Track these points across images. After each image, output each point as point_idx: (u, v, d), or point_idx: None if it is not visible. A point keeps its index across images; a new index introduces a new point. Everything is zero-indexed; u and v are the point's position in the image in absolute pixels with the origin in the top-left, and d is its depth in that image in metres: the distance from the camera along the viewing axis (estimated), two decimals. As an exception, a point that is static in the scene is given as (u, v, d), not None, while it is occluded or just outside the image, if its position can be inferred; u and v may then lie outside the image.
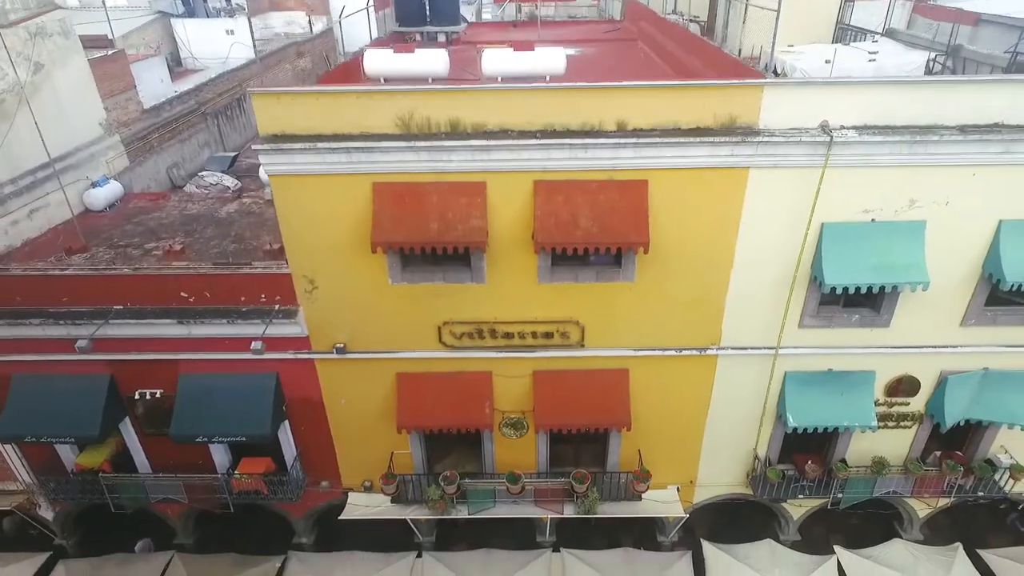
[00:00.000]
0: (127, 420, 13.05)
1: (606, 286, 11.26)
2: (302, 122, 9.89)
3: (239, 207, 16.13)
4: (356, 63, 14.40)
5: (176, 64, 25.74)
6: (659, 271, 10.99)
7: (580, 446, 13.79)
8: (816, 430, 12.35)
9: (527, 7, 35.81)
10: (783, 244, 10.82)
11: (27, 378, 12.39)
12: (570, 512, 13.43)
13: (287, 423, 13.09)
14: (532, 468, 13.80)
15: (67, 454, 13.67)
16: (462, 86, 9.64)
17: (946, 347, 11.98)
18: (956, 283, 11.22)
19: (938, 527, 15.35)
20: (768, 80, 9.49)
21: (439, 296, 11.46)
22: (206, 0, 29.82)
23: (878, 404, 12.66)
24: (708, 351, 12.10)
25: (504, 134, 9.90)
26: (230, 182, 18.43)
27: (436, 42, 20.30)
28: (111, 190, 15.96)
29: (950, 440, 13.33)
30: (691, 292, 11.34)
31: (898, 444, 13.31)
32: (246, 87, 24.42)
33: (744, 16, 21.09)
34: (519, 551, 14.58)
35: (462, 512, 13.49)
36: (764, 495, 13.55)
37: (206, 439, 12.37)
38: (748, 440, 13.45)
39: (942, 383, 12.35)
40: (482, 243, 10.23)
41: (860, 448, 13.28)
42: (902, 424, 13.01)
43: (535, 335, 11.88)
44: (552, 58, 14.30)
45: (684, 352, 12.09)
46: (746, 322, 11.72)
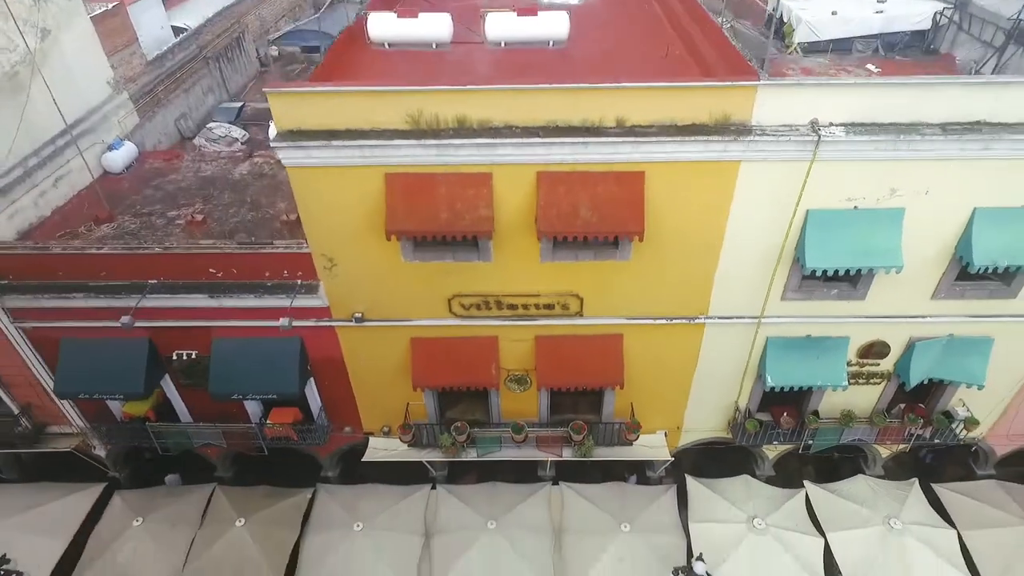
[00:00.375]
0: (167, 376, 14.37)
1: (604, 264, 12.12)
2: (316, 119, 10.40)
3: (251, 168, 16.67)
4: (360, 27, 14.47)
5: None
6: (653, 252, 11.79)
7: (578, 397, 15.16)
8: (792, 388, 13.63)
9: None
10: (769, 229, 11.57)
11: (74, 342, 13.56)
12: (568, 455, 15.03)
13: (312, 380, 14.41)
14: (534, 416, 15.27)
15: (114, 404, 15.11)
16: (469, 87, 10.03)
17: (916, 317, 12.99)
18: (930, 262, 12.05)
19: (899, 464, 17.03)
20: (762, 82, 9.87)
21: (449, 273, 12.36)
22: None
23: (850, 364, 13.85)
24: (697, 320, 13.14)
25: (509, 130, 10.42)
26: (238, 133, 18.85)
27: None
28: (127, 152, 16.46)
29: (914, 395, 14.63)
30: (682, 270, 12.22)
31: (867, 398, 14.66)
32: (244, 22, 24.05)
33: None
34: (522, 484, 16.32)
35: (471, 455, 15.10)
36: (742, 441, 15.09)
37: (241, 396, 13.75)
38: (730, 394, 14.80)
39: (910, 348, 13.49)
40: (489, 232, 11.01)
41: (832, 401, 14.64)
42: (871, 381, 14.27)
43: (537, 306, 12.88)
44: (555, 23, 14.41)
45: (674, 321, 13.14)
46: (732, 295, 12.68)
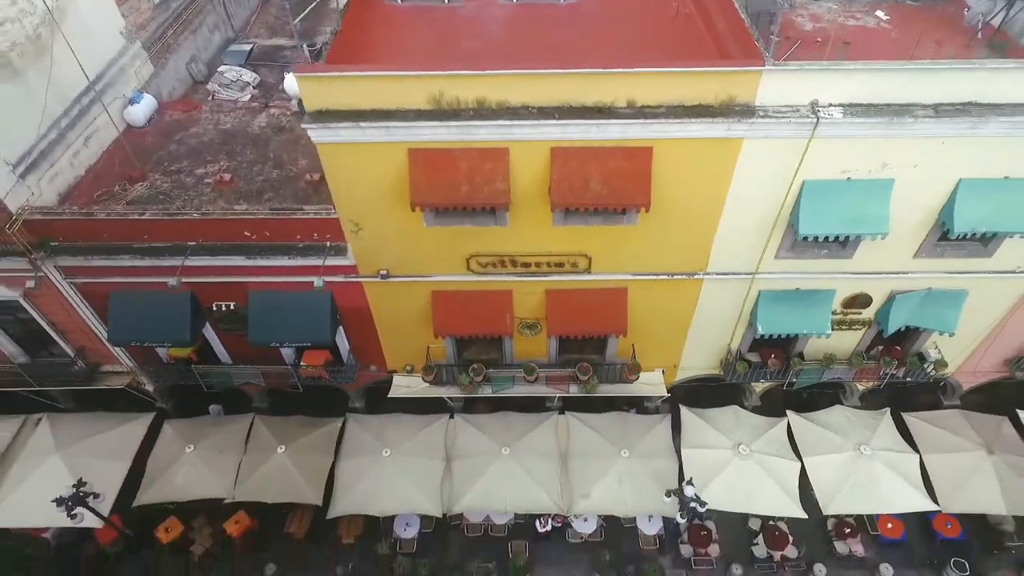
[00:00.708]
0: (208, 324, 15.66)
1: (611, 228, 13.04)
2: (343, 99, 10.99)
3: (269, 120, 17.14)
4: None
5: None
6: (658, 218, 12.66)
7: (584, 340, 16.34)
8: (781, 335, 14.95)
9: None
10: (767, 198, 12.41)
11: (121, 295, 14.72)
12: (575, 392, 16.62)
13: (341, 327, 15.72)
14: (543, 356, 16.73)
15: (160, 347, 16.52)
16: (487, 71, 10.55)
17: (899, 273, 14.07)
18: (914, 226, 12.98)
19: (874, 395, 18.69)
20: (767, 67, 10.38)
21: (467, 236, 13.31)
22: None
23: (835, 313, 15.09)
24: (696, 275, 14.23)
25: (526, 111, 11.04)
26: (249, 77, 19.15)
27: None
28: (147, 104, 16.87)
29: (891, 338, 15.97)
30: (684, 233, 13.17)
31: (848, 342, 16.03)
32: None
33: None
34: (532, 414, 18.09)
35: (486, 391, 16.69)
36: (733, 379, 16.63)
37: (278, 344, 15.11)
38: (724, 338, 16.17)
39: (891, 299, 14.67)
40: (506, 204, 11.88)
41: (816, 344, 16.01)
42: (853, 327, 15.58)
43: (549, 264, 13.93)
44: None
45: (675, 276, 14.23)
46: (730, 254, 13.70)
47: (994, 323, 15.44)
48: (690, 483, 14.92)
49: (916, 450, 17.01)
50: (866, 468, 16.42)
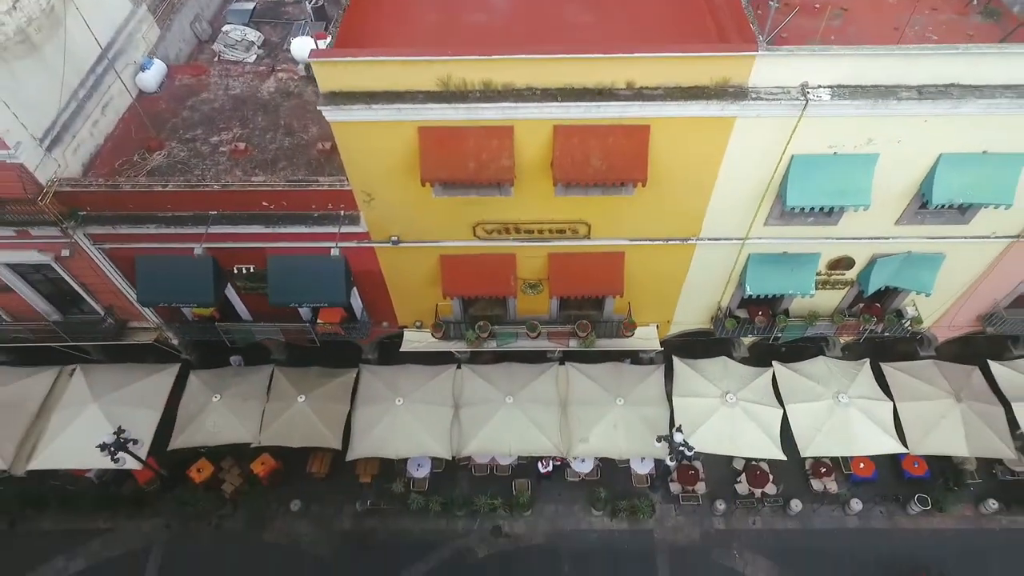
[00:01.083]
0: (229, 286, 16.63)
1: (610, 199, 13.76)
2: (356, 82, 11.54)
3: (277, 85, 17.52)
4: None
5: None
6: (654, 189, 13.31)
7: (583, 299, 17.48)
8: (768, 295, 15.94)
9: None
10: (758, 171, 13.11)
11: (147, 259, 15.61)
12: (574, 346, 17.78)
13: (355, 288, 16.69)
14: (545, 313, 17.79)
15: (185, 307, 17.55)
16: (493, 56, 11.04)
17: (881, 238, 14.90)
18: (897, 196, 13.72)
19: (856, 347, 19.87)
20: (760, 52, 10.88)
21: (474, 205, 14.07)
22: None
23: (819, 274, 16.01)
24: (689, 241, 15.08)
25: (530, 92, 11.60)
26: (254, 36, 19.40)
27: None
28: (158, 70, 17.22)
29: (872, 298, 16.97)
30: (678, 203, 13.93)
31: (831, 300, 17.04)
32: None
33: None
34: (533, 364, 19.33)
35: (491, 346, 17.85)
36: (722, 334, 17.75)
37: (296, 304, 16.12)
38: (715, 296, 17.18)
39: (872, 262, 15.56)
40: (510, 179, 12.60)
41: (801, 303, 17.02)
42: (836, 287, 16.55)
43: (551, 231, 14.75)
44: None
45: (670, 241, 15.08)
46: (722, 222, 14.49)
47: (969, 283, 16.41)
48: (679, 430, 16.29)
49: (891, 398, 18.36)
50: (843, 415, 17.78)
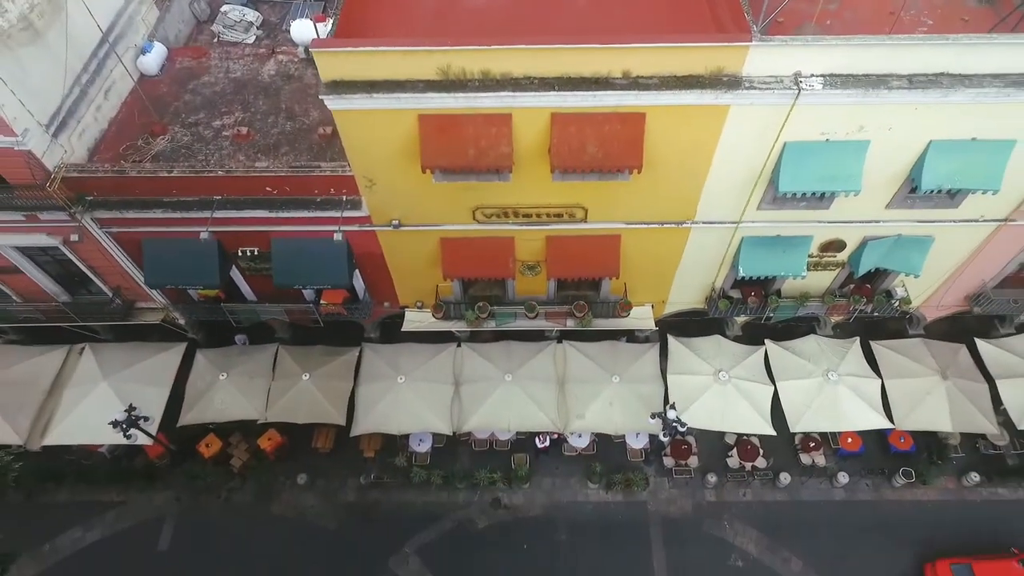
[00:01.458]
0: (234, 268, 16.99)
1: (606, 184, 14.04)
2: (358, 71, 11.75)
3: (278, 68, 17.64)
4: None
5: None
6: (649, 175, 13.61)
7: (581, 280, 17.90)
8: (761, 277, 16.34)
9: None
10: (751, 157, 13.38)
11: (154, 242, 15.96)
12: (571, 325, 18.24)
13: (357, 270, 17.06)
14: (543, 294, 18.19)
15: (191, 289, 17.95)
16: (492, 46, 11.23)
17: (872, 221, 15.23)
18: (887, 181, 14.01)
19: (847, 325, 20.33)
20: (754, 43, 11.07)
21: (473, 190, 14.36)
22: None
23: (811, 256, 16.37)
24: (684, 224, 15.40)
25: (528, 81, 11.82)
26: (252, 16, 19.45)
27: None
28: (158, 52, 17.32)
29: (862, 278, 17.36)
30: (674, 188, 14.22)
31: (822, 281, 17.45)
32: None
33: None
34: (532, 343, 19.80)
35: (491, 326, 18.31)
36: (715, 314, 18.19)
37: (300, 286, 16.51)
38: (709, 277, 17.57)
39: (863, 244, 15.92)
40: (509, 166, 12.88)
41: (793, 283, 17.43)
42: (828, 269, 16.94)
43: (548, 215, 15.07)
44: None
45: (665, 225, 15.41)
46: (716, 206, 14.81)
47: (957, 265, 16.79)
48: (672, 407, 16.81)
49: (879, 375, 18.88)
50: (832, 392, 18.31)
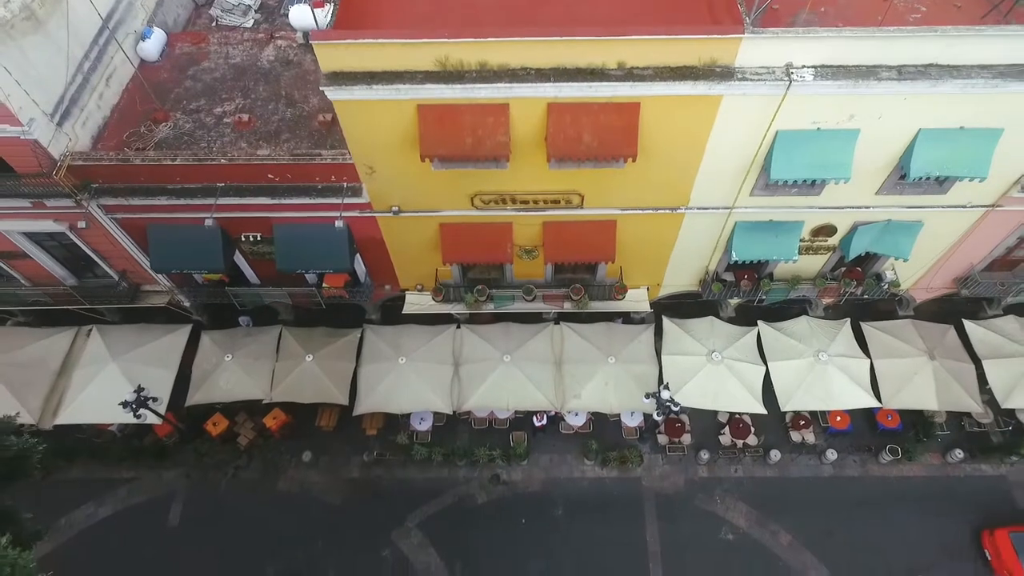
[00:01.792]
0: (237, 252, 17.33)
1: (602, 171, 14.29)
2: (357, 63, 11.96)
3: (277, 54, 17.75)
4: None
5: None
6: (644, 163, 13.85)
7: (578, 264, 18.27)
8: (753, 261, 16.69)
9: None
10: (744, 146, 13.64)
11: (158, 227, 16.29)
12: (568, 308, 18.65)
13: (359, 255, 17.40)
14: (540, 277, 18.58)
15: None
16: (489, 38, 11.42)
17: (862, 207, 15.54)
18: (877, 168, 14.29)
19: (838, 306, 20.74)
20: (746, 35, 11.27)
21: (471, 177, 14.64)
22: None
23: (803, 240, 16.71)
24: (678, 210, 15.71)
25: (524, 72, 12.04)
26: (250, 0, 19.43)
27: None
28: (158, 38, 17.43)
29: (853, 262, 17.72)
30: (668, 176, 14.51)
31: (814, 264, 17.81)
32: None
33: None
34: (530, 324, 20.23)
35: (489, 308, 18.71)
36: (709, 297, 18.59)
37: (303, 271, 16.87)
38: (703, 261, 17.93)
39: (854, 229, 16.25)
40: (506, 155, 13.15)
41: (785, 267, 17.80)
42: (819, 253, 17.29)
43: (545, 201, 15.37)
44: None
45: (660, 211, 15.72)
46: (709, 192, 15.10)
47: (945, 249, 17.13)
48: (666, 387, 17.33)
49: (869, 355, 19.35)
50: (822, 371, 18.80)
